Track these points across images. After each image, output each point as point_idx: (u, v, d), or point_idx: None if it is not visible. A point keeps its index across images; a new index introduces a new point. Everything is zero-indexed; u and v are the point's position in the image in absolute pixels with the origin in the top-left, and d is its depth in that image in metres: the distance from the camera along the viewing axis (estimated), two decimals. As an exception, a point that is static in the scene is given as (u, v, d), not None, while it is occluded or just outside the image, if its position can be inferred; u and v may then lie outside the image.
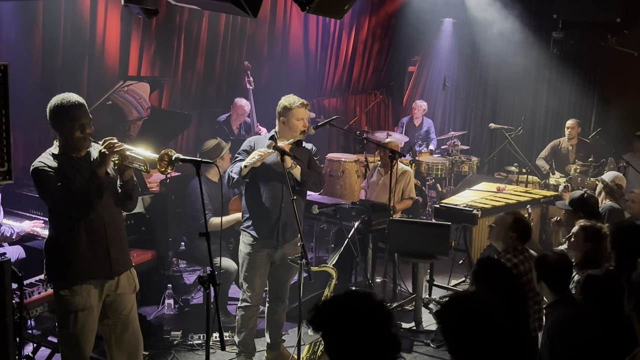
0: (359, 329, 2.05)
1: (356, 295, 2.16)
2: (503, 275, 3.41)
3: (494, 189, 6.81)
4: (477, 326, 2.25)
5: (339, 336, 2.07)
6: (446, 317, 2.35)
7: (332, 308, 2.13)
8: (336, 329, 2.08)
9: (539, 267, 3.47)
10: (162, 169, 3.32)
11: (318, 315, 2.13)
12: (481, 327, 2.25)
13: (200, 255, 5.33)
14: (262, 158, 4.17)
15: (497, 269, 3.45)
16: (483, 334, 2.24)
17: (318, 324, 2.12)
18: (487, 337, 2.24)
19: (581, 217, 4.51)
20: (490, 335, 2.24)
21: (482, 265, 3.48)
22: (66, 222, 3.38)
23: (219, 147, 5.42)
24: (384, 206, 5.56)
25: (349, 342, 2.05)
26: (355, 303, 2.11)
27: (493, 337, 2.25)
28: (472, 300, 2.41)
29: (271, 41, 8.33)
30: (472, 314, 2.29)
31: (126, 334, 3.61)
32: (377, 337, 2.06)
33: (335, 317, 2.09)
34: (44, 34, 5.65)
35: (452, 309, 2.36)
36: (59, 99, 3.35)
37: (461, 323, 2.29)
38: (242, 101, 7.09)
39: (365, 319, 2.06)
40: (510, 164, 8.62)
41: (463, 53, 10.33)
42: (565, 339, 3.21)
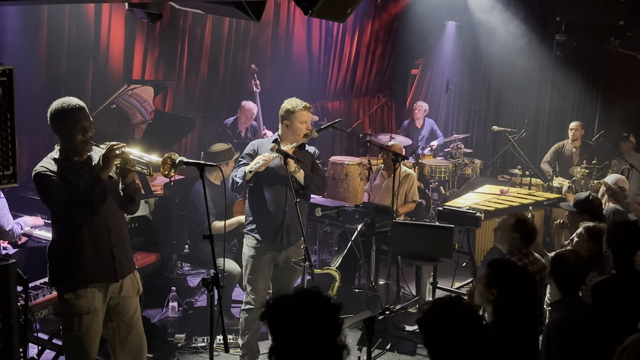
0: (306, 333, 2.04)
1: (312, 297, 2.14)
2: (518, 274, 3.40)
3: (497, 191, 6.80)
4: (456, 331, 2.28)
5: (285, 335, 2.07)
6: (426, 323, 2.37)
7: (286, 306, 2.12)
8: (284, 328, 2.08)
9: (554, 264, 3.46)
10: (165, 172, 3.33)
11: (270, 310, 2.13)
12: (460, 332, 2.27)
13: (204, 257, 5.34)
14: (267, 163, 4.18)
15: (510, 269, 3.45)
16: (462, 339, 2.27)
17: (268, 319, 2.12)
18: (467, 342, 2.26)
19: (586, 219, 4.51)
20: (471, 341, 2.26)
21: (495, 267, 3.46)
22: (69, 226, 3.39)
23: (229, 153, 5.45)
24: (387, 209, 5.56)
25: (293, 344, 2.05)
26: (310, 305, 2.09)
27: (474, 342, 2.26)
28: (451, 306, 2.41)
29: (274, 44, 8.36)
30: (450, 320, 2.31)
31: (130, 337, 3.62)
32: (322, 345, 2.05)
33: (287, 316, 2.08)
34: (49, 38, 5.68)
35: (431, 315, 2.37)
36: (60, 103, 3.37)
37: (439, 329, 2.31)
38: (249, 104, 7.11)
39: (317, 324, 2.05)
40: (513, 166, 8.61)
41: (466, 56, 10.33)
42: (562, 339, 3.21)
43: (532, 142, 9.49)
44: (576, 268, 3.45)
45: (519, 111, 9.92)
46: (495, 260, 3.57)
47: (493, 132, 9.01)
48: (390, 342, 5.03)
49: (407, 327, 5.37)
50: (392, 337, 5.10)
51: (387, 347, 4.97)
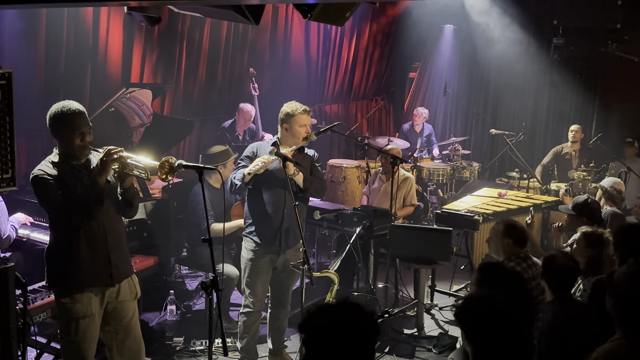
0: (345, 347, 2.02)
1: (356, 310, 2.10)
2: (506, 276, 3.43)
3: (495, 194, 6.82)
4: (496, 323, 2.36)
5: (322, 348, 2.04)
6: (466, 316, 2.45)
7: (327, 319, 2.08)
8: (322, 340, 2.04)
9: (545, 266, 3.48)
10: (162, 177, 3.32)
11: (309, 322, 2.09)
12: (500, 324, 2.36)
13: (202, 261, 5.34)
14: (266, 165, 4.19)
15: (499, 271, 3.47)
16: (502, 330, 2.35)
17: (306, 331, 2.08)
18: (505, 333, 2.35)
19: (584, 222, 4.51)
20: (508, 332, 2.35)
21: (484, 270, 3.49)
22: (67, 230, 3.39)
23: (226, 154, 5.45)
24: (386, 212, 5.57)
25: (330, 355, 2.03)
26: (352, 319, 2.06)
27: (511, 333, 2.35)
28: (489, 299, 2.50)
29: (273, 48, 8.37)
30: (490, 312, 2.40)
31: (128, 341, 3.61)
32: (359, 356, 2.05)
33: (326, 328, 2.05)
34: (47, 41, 5.68)
35: (471, 308, 2.46)
36: (59, 107, 3.36)
37: (481, 320, 2.39)
38: (247, 106, 7.12)
39: (356, 338, 2.04)
40: (511, 169, 8.62)
41: (464, 59, 10.36)
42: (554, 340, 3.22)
43: (529, 145, 9.51)
44: (566, 268, 3.46)
45: (517, 114, 9.94)
46: (486, 264, 3.60)
47: (491, 135, 9.02)
48: (389, 345, 5.02)
49: (405, 330, 5.38)
50: (390, 340, 5.10)
51: (386, 350, 4.97)
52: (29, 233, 4.82)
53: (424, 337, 5.28)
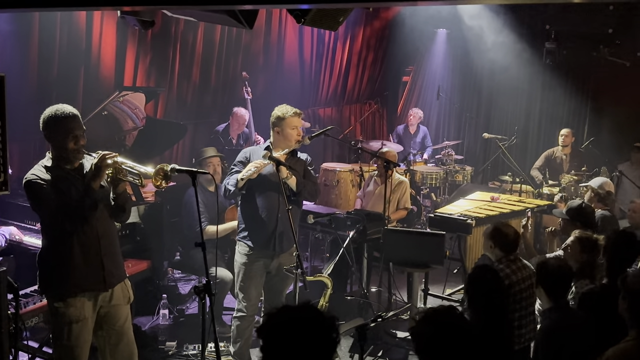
0: (303, 349, 2.00)
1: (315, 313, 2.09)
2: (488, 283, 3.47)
3: (488, 198, 6.84)
4: (450, 341, 2.29)
5: (279, 350, 2.02)
6: (419, 332, 2.37)
7: (281, 319, 2.07)
8: (280, 343, 2.02)
9: (538, 272, 3.49)
10: (157, 183, 3.33)
11: (266, 325, 2.07)
12: (455, 342, 2.29)
13: (195, 264, 5.33)
14: (258, 170, 4.19)
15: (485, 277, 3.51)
16: (456, 348, 2.28)
17: (264, 334, 2.06)
18: (460, 351, 2.28)
19: (578, 226, 4.53)
20: (463, 350, 2.28)
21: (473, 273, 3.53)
22: (59, 235, 3.38)
23: (203, 152, 5.49)
24: (379, 215, 5.58)
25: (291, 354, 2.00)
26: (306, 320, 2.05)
27: (466, 351, 2.28)
28: (447, 315, 2.42)
29: (266, 52, 8.37)
30: (446, 330, 2.32)
31: (121, 345, 3.61)
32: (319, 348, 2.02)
33: (283, 330, 2.03)
34: (40, 44, 5.66)
35: (426, 324, 2.38)
36: (53, 111, 3.35)
37: (432, 338, 2.31)
38: (241, 110, 7.12)
39: (314, 339, 2.01)
40: (504, 173, 8.67)
41: (457, 63, 10.40)
42: (552, 347, 3.23)
43: (522, 149, 9.55)
44: (560, 271, 3.47)
45: (510, 118, 9.99)
46: (477, 267, 3.64)
47: (484, 139, 9.06)
48: (382, 349, 5.03)
49: (398, 333, 5.38)
50: (383, 344, 5.11)
51: (379, 354, 4.97)
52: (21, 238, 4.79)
53: (417, 341, 5.28)
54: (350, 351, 4.88)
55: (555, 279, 3.45)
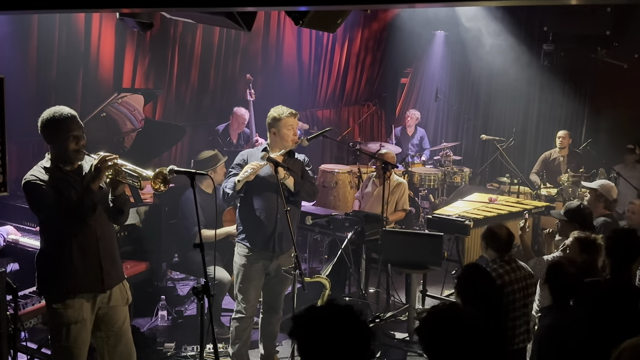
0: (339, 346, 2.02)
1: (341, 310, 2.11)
2: (484, 283, 3.49)
3: (486, 199, 6.84)
4: (456, 337, 2.29)
5: (316, 349, 2.03)
6: (425, 331, 2.38)
7: (314, 317, 2.08)
8: (314, 341, 2.03)
9: (550, 272, 3.47)
10: (156, 187, 3.33)
11: (297, 324, 2.08)
12: (460, 338, 2.29)
13: (193, 266, 5.33)
14: (255, 172, 4.20)
15: (479, 277, 3.53)
16: (462, 344, 2.28)
17: (296, 334, 2.07)
18: (466, 347, 2.28)
19: (576, 227, 4.54)
20: (469, 346, 2.28)
21: (465, 273, 3.57)
22: (58, 236, 3.38)
23: (215, 158, 5.45)
24: (377, 217, 5.59)
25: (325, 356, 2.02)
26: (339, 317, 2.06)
27: (472, 347, 2.28)
28: (450, 312, 2.43)
29: (265, 53, 8.39)
30: (451, 326, 2.32)
31: (119, 347, 3.61)
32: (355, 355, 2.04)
33: (316, 328, 2.04)
34: (39, 46, 5.67)
35: (431, 322, 2.38)
36: (51, 112, 3.36)
37: (440, 335, 2.31)
38: (241, 110, 7.14)
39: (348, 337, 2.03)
40: (502, 174, 8.67)
41: (455, 65, 10.42)
42: (553, 345, 3.24)
43: (520, 150, 9.57)
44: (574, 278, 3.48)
45: (508, 120, 10.00)
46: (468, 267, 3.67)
47: (482, 140, 9.07)
48: (380, 350, 5.03)
49: (397, 334, 5.39)
50: (382, 345, 5.12)
51: (377, 355, 4.97)
52: (19, 238, 4.80)
53: (416, 342, 5.29)
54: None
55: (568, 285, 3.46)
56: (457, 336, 2.30)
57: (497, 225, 4.20)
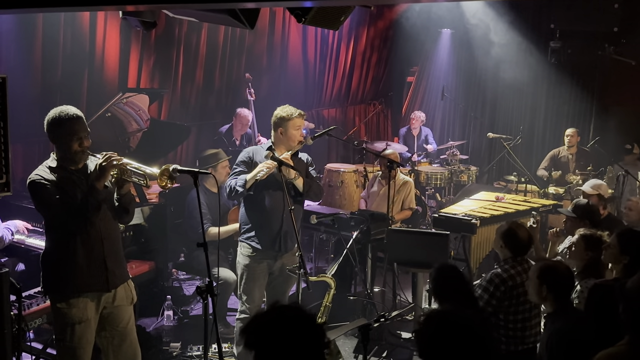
0: (291, 345, 2.02)
1: (284, 309, 2.12)
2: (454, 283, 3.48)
3: (493, 198, 6.80)
4: (454, 340, 2.26)
5: (270, 354, 2.03)
6: (424, 334, 2.36)
7: (261, 322, 2.08)
8: (267, 346, 2.03)
9: (548, 278, 3.40)
10: (162, 184, 3.33)
11: (248, 334, 2.08)
12: (458, 340, 2.26)
13: (199, 266, 5.33)
14: (270, 171, 4.17)
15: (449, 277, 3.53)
16: (460, 347, 2.26)
17: (249, 343, 2.07)
18: (464, 349, 2.25)
19: (586, 224, 4.50)
20: (467, 348, 2.25)
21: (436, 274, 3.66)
22: (63, 235, 3.38)
23: (216, 156, 5.46)
24: (383, 216, 5.56)
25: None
26: (285, 317, 2.08)
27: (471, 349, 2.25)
28: (447, 315, 2.41)
29: (270, 52, 8.38)
30: (448, 329, 2.30)
31: (124, 346, 3.60)
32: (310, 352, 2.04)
33: (266, 333, 2.05)
34: (44, 46, 5.68)
35: (428, 325, 2.36)
36: (57, 112, 3.36)
37: (438, 338, 2.29)
38: (245, 111, 7.12)
39: (298, 334, 2.03)
40: (509, 173, 8.63)
41: (461, 63, 10.38)
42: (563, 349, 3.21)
43: (527, 148, 9.52)
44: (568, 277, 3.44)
45: (515, 118, 9.95)
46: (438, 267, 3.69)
47: (488, 138, 9.02)
48: (386, 349, 5.01)
49: (403, 334, 5.36)
50: (388, 344, 5.09)
51: (383, 355, 4.95)
52: (25, 239, 4.81)
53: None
54: (355, 352, 4.86)
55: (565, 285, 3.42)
56: (453, 339, 2.28)
57: (519, 226, 4.10)
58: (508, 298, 3.84)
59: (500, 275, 3.88)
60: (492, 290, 3.83)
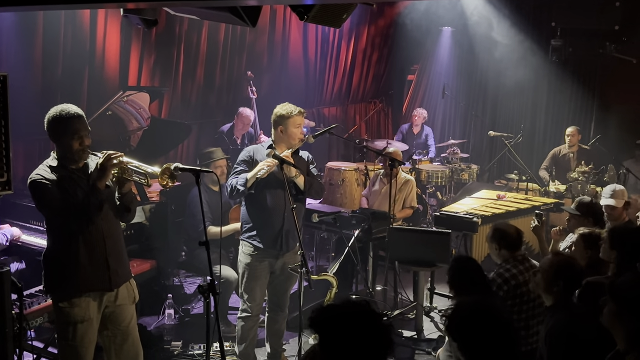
0: (358, 339, 2.05)
1: (359, 305, 2.15)
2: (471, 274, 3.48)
3: (494, 196, 6.80)
4: (486, 327, 2.32)
5: (336, 343, 2.07)
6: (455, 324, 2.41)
7: (335, 313, 2.13)
8: (335, 335, 2.07)
9: (565, 272, 3.34)
10: (163, 182, 3.32)
11: (318, 318, 2.13)
12: (490, 327, 2.33)
13: (200, 264, 5.33)
14: (271, 169, 4.16)
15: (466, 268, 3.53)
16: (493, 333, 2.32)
17: (318, 327, 2.12)
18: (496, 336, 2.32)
19: (590, 222, 4.50)
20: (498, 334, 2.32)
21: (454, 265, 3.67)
22: (64, 234, 3.37)
23: (213, 153, 5.46)
24: (384, 214, 5.55)
25: (346, 350, 2.05)
26: (358, 313, 2.11)
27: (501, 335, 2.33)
28: (476, 305, 2.46)
29: (271, 50, 8.36)
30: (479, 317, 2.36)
31: (126, 345, 3.60)
32: (374, 348, 2.06)
33: (337, 323, 2.09)
34: (44, 44, 5.67)
35: (459, 315, 2.41)
36: (58, 110, 3.34)
37: (471, 326, 2.35)
38: (247, 111, 7.11)
39: (366, 329, 2.07)
40: (510, 171, 8.62)
41: (462, 61, 10.36)
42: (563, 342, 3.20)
43: (528, 147, 9.51)
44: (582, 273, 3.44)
45: (516, 116, 9.94)
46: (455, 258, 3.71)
47: (489, 137, 9.02)
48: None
49: (404, 332, 5.35)
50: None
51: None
52: (25, 237, 4.80)
53: (423, 340, 5.26)
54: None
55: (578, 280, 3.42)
56: (491, 330, 2.34)
57: (500, 224, 4.16)
58: (511, 297, 3.84)
59: (502, 275, 3.88)
60: (494, 290, 3.83)
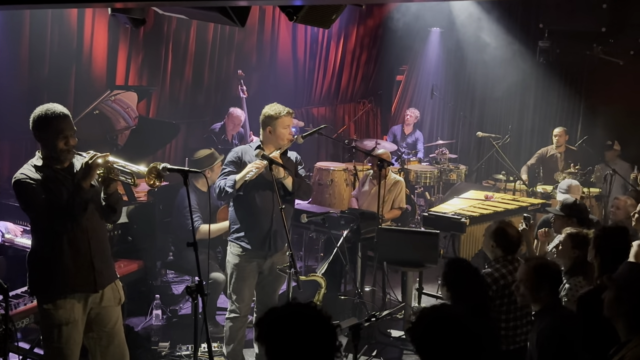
0: (304, 343, 2.02)
1: (301, 307, 2.12)
2: (469, 276, 3.47)
3: (482, 197, 6.83)
4: (445, 335, 2.28)
5: (279, 346, 2.04)
6: (416, 331, 2.37)
7: (272, 319, 2.09)
8: (279, 341, 2.04)
9: (546, 272, 3.37)
10: (150, 182, 3.29)
11: (261, 329, 2.08)
12: (450, 335, 2.28)
13: (188, 265, 5.29)
14: (259, 171, 4.14)
15: (463, 270, 3.52)
16: (452, 341, 2.27)
17: (262, 337, 2.07)
18: (456, 344, 2.27)
19: (574, 223, 4.53)
20: (459, 343, 2.27)
21: (450, 267, 3.60)
22: (49, 235, 3.34)
23: (212, 158, 5.42)
24: (373, 215, 5.56)
25: (289, 352, 2.02)
26: (302, 315, 2.08)
27: (462, 344, 2.27)
28: (439, 312, 2.42)
29: (260, 50, 8.34)
30: (440, 324, 2.32)
31: (111, 347, 3.57)
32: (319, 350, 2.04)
33: (278, 329, 2.05)
34: (31, 43, 5.62)
35: (421, 322, 2.37)
36: (43, 110, 3.31)
37: (430, 334, 2.31)
38: (237, 111, 7.08)
39: (313, 333, 2.04)
40: (498, 172, 8.66)
41: (450, 62, 10.40)
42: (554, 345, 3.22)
43: (516, 147, 9.56)
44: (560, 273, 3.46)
45: (503, 117, 9.99)
46: (450, 260, 3.69)
47: (477, 137, 9.05)
48: (376, 348, 5.01)
49: (393, 333, 5.36)
50: (378, 343, 5.09)
51: (373, 354, 4.95)
52: (13, 238, 4.76)
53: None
54: (344, 351, 4.84)
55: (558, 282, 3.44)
56: (449, 336, 2.29)
57: (507, 224, 4.12)
58: (500, 297, 3.85)
59: (491, 275, 3.90)
60: None
